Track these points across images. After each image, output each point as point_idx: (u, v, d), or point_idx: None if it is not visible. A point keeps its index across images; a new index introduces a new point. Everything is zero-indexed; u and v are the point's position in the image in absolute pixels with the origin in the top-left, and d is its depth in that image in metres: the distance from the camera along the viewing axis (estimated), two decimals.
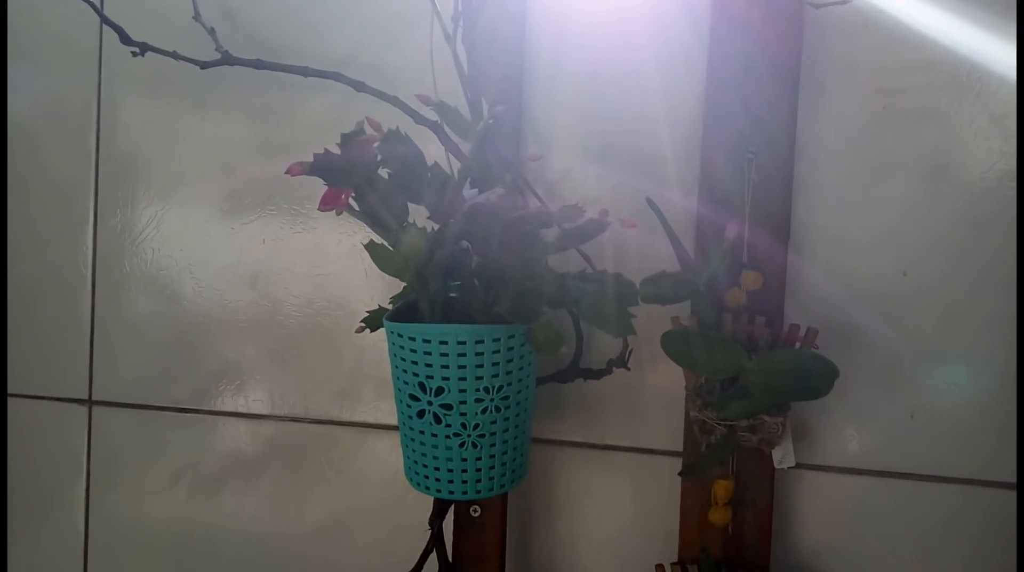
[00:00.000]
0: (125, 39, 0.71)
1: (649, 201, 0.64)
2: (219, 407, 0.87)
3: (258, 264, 0.85)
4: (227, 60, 0.73)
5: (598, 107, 0.77)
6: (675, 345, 0.62)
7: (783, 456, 0.70)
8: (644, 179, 0.75)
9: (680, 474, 0.72)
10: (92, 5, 0.71)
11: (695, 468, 0.71)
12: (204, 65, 0.73)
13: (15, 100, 0.90)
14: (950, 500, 0.71)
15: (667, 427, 0.76)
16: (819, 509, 0.74)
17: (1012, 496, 0.70)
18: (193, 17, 0.77)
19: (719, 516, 0.69)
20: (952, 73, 0.70)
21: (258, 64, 0.72)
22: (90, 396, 0.90)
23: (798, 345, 0.66)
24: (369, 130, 0.57)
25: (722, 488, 0.69)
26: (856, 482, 0.73)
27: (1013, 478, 0.70)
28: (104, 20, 0.71)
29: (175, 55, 0.72)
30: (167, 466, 0.89)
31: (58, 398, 0.91)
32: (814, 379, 0.59)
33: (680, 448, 0.74)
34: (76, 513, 0.92)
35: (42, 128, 0.90)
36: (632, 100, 0.76)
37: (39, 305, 0.90)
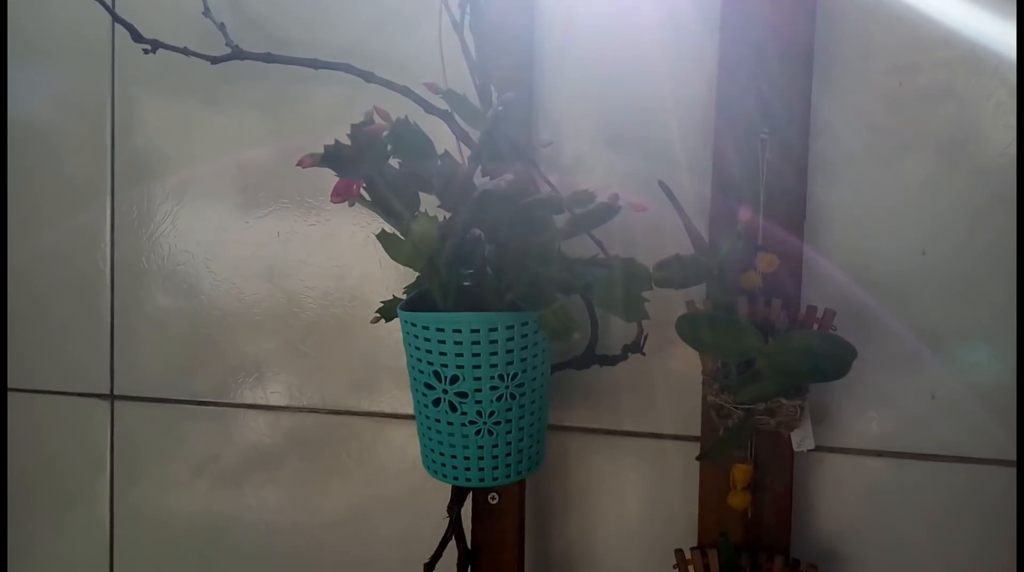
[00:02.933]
0: (137, 37, 0.72)
1: (662, 184, 0.64)
2: (238, 400, 0.88)
3: (273, 257, 0.85)
4: (237, 55, 0.73)
5: (609, 92, 0.76)
6: (690, 329, 0.61)
7: (802, 439, 0.69)
8: (656, 163, 0.75)
9: (698, 459, 0.72)
10: (104, 4, 0.72)
11: (713, 452, 0.71)
12: (215, 60, 0.73)
13: (30, 99, 0.91)
14: (972, 480, 0.71)
15: (684, 412, 0.75)
16: (839, 492, 0.73)
17: None
18: (203, 12, 0.77)
19: (738, 500, 0.69)
20: (968, 48, 0.69)
21: (268, 58, 0.72)
22: (112, 391, 0.91)
23: (815, 327, 0.65)
24: (378, 120, 0.57)
25: (741, 472, 0.69)
26: (877, 464, 0.73)
27: None
28: (116, 18, 0.71)
29: (186, 51, 0.73)
30: (189, 459, 0.90)
31: (80, 393, 0.92)
32: (831, 361, 0.58)
33: (698, 433, 0.74)
34: (101, 507, 0.93)
35: (57, 127, 0.90)
36: (643, 85, 0.75)
37: (59, 302, 0.92)
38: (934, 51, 0.69)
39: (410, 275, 0.68)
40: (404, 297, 0.68)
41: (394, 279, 0.82)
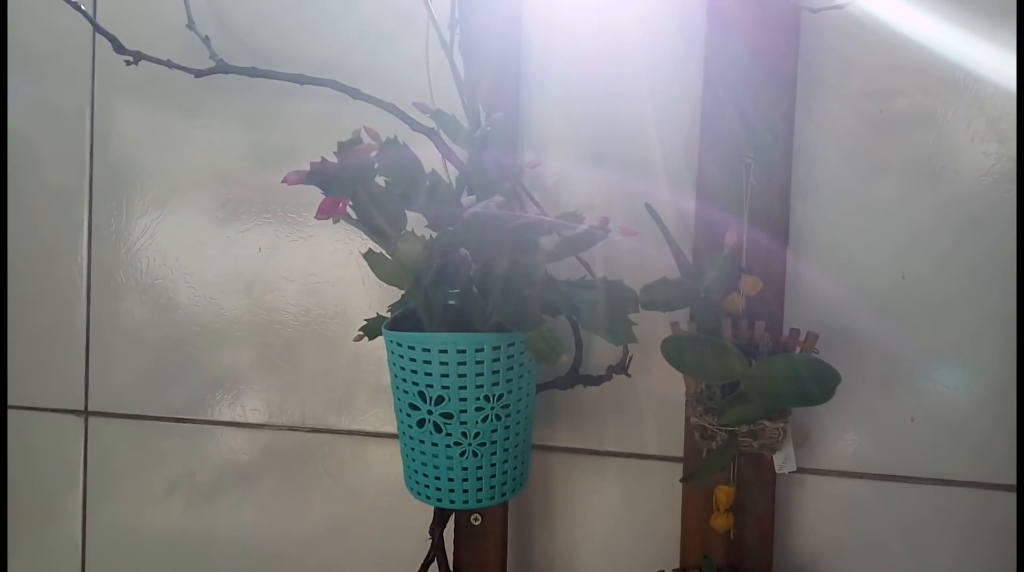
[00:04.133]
0: (119, 48, 0.71)
1: (648, 207, 0.64)
2: (216, 416, 0.87)
3: (254, 272, 0.84)
4: (222, 68, 0.73)
5: (594, 112, 0.77)
6: (674, 351, 0.62)
7: (784, 461, 0.70)
8: (642, 184, 0.75)
9: (682, 481, 0.72)
10: (85, 14, 0.71)
11: (696, 475, 0.71)
12: (199, 74, 0.72)
13: (9, 108, 0.89)
14: (951, 503, 0.71)
15: (667, 433, 0.76)
16: (820, 513, 0.74)
17: (1012, 498, 0.70)
18: (187, 25, 0.76)
19: (721, 522, 0.69)
20: (948, 76, 0.70)
21: (253, 72, 0.72)
22: (86, 406, 0.89)
23: (798, 349, 0.66)
24: (367, 139, 0.56)
25: (723, 494, 0.69)
26: (857, 486, 0.73)
27: (1013, 480, 0.70)
28: (97, 29, 0.70)
29: (169, 63, 0.72)
30: (164, 476, 0.88)
31: (54, 409, 0.90)
32: (814, 385, 0.58)
33: (681, 454, 0.74)
34: (74, 523, 0.91)
35: (36, 136, 0.89)
36: (628, 105, 0.76)
37: (35, 316, 0.90)
38: (914, 78, 0.71)
39: (393, 292, 0.68)
40: (388, 315, 0.67)
41: (377, 296, 0.81)
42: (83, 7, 0.71)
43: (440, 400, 0.60)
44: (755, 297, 0.68)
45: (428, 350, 0.59)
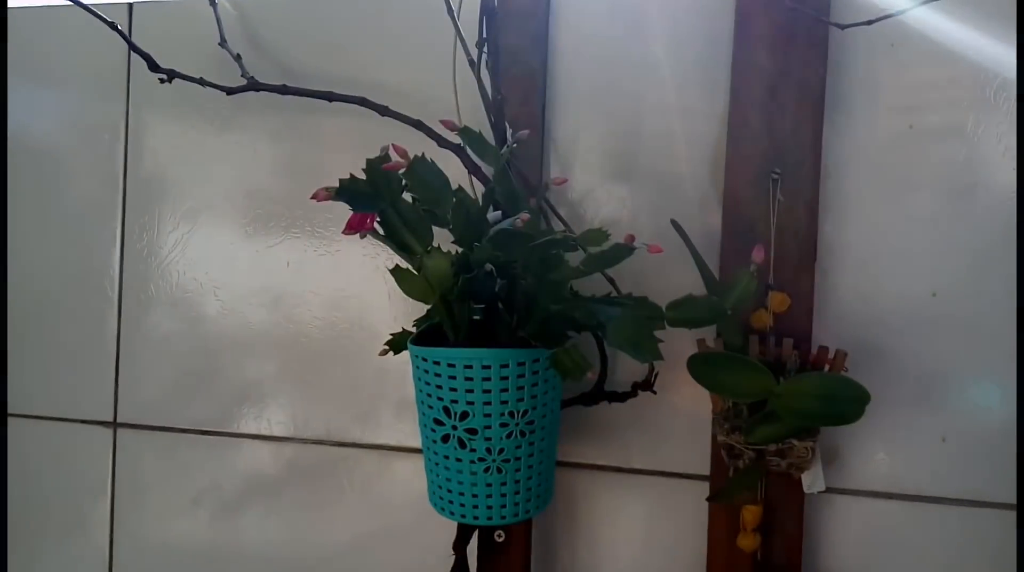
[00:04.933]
0: (153, 66, 0.72)
1: (674, 223, 0.64)
2: (242, 429, 0.87)
3: (281, 286, 0.85)
4: (253, 86, 0.74)
5: (621, 128, 0.77)
6: (701, 368, 0.61)
7: (813, 481, 0.69)
8: (668, 199, 0.75)
9: (709, 500, 0.71)
10: (121, 33, 0.72)
11: (724, 494, 0.70)
12: (230, 91, 0.73)
13: (45, 124, 0.92)
14: (982, 524, 0.70)
15: (694, 451, 0.75)
16: (849, 535, 0.73)
17: None
18: (219, 43, 0.78)
19: (748, 542, 0.68)
20: (978, 91, 0.69)
21: (283, 90, 0.73)
22: (115, 418, 0.91)
23: (827, 368, 0.65)
24: (395, 156, 0.57)
25: (751, 513, 0.68)
26: (887, 507, 0.72)
27: None
28: (133, 48, 0.72)
29: (202, 81, 0.73)
30: (190, 488, 0.89)
31: (84, 421, 0.91)
32: (844, 404, 0.58)
33: (707, 472, 0.73)
34: (101, 533, 0.92)
35: (71, 152, 0.91)
36: (655, 121, 0.76)
37: (66, 328, 0.91)
38: (944, 93, 0.70)
39: (418, 307, 0.68)
40: (414, 330, 0.67)
41: (402, 310, 0.82)
42: (119, 26, 0.73)
43: (465, 416, 0.60)
44: (783, 314, 0.68)
45: (453, 366, 0.59)
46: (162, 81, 0.73)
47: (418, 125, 0.69)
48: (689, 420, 0.75)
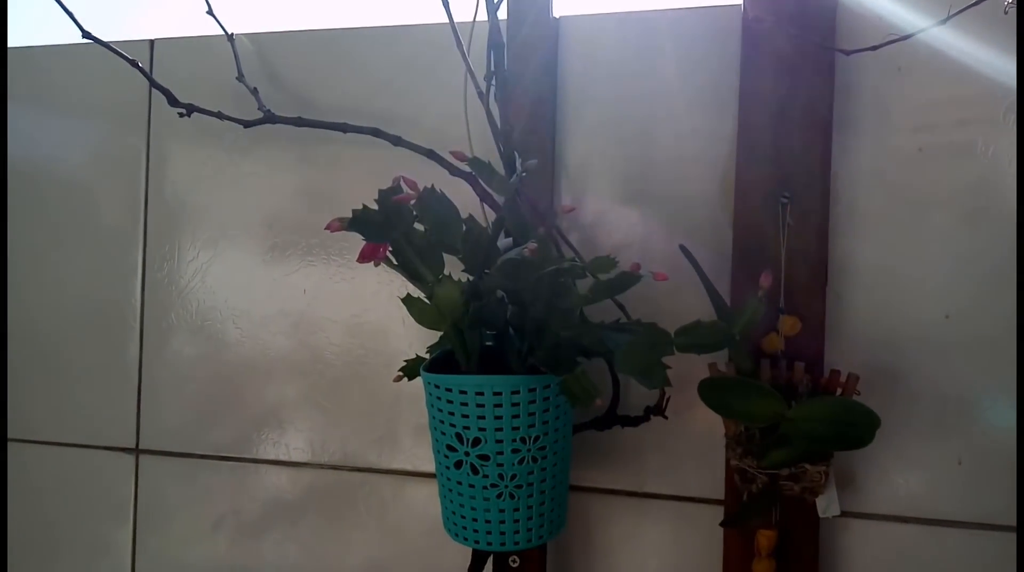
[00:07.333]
0: (172, 101, 0.74)
1: (683, 248, 0.65)
2: (261, 455, 0.88)
3: (299, 313, 0.87)
4: (270, 119, 0.76)
5: (630, 154, 0.78)
6: (711, 393, 0.61)
7: (827, 505, 0.69)
8: (678, 224, 0.76)
9: (722, 525, 0.71)
10: (142, 70, 0.75)
11: (737, 519, 0.70)
12: (247, 124, 0.75)
13: (70, 156, 0.94)
14: (999, 548, 0.69)
15: (708, 475, 0.75)
16: (866, 559, 0.72)
17: None
18: (236, 78, 0.80)
19: (763, 568, 0.68)
20: (988, 112, 0.69)
21: (299, 122, 0.74)
22: (137, 445, 0.92)
23: (839, 391, 0.65)
24: (406, 188, 0.58)
25: (765, 538, 0.68)
26: (903, 531, 0.71)
27: None
28: (153, 84, 0.74)
29: (220, 115, 0.75)
30: (210, 513, 0.90)
31: (107, 447, 0.93)
32: (855, 428, 0.58)
33: (721, 496, 0.73)
34: (123, 558, 0.93)
35: (94, 181, 0.93)
36: (665, 146, 0.77)
37: (90, 356, 0.93)
38: (954, 114, 0.70)
39: (433, 333, 0.69)
40: (427, 356, 0.68)
41: (416, 337, 0.83)
42: (140, 64, 0.75)
43: (477, 442, 0.61)
44: (794, 337, 0.68)
45: (465, 392, 0.60)
46: (181, 115, 0.75)
47: (430, 154, 0.70)
48: (703, 444, 0.75)
